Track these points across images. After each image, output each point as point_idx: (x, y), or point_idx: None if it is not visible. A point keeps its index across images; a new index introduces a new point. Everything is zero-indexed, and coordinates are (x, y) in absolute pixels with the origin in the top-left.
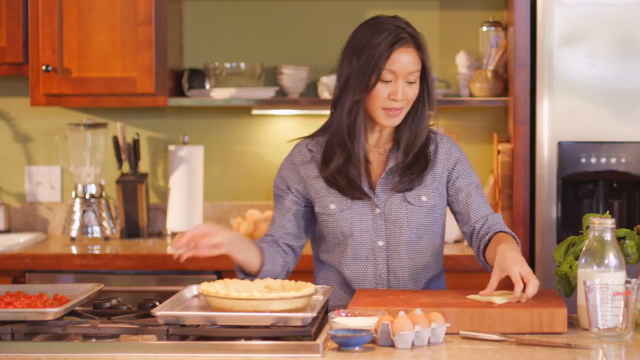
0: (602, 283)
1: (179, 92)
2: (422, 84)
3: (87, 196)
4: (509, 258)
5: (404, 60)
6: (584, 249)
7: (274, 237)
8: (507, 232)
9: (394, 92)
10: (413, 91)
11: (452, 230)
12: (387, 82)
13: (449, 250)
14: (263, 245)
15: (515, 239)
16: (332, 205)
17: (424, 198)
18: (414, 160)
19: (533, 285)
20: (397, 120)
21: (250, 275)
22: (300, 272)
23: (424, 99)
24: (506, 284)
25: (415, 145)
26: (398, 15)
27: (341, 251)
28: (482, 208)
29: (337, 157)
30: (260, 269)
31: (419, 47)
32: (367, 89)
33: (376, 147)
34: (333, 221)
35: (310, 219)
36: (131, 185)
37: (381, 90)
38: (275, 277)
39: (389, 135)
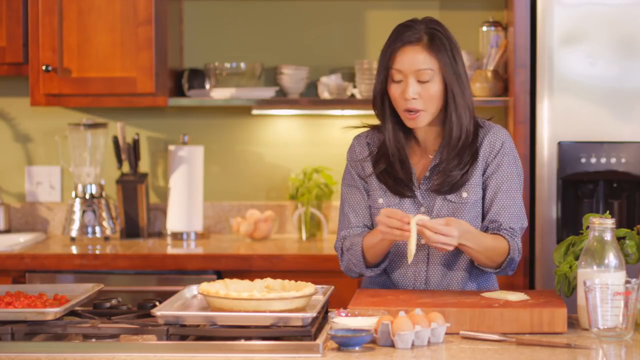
0: (602, 283)
1: (179, 92)
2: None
3: (87, 196)
4: (459, 222)
5: (409, 57)
6: (584, 249)
7: (366, 227)
8: (504, 237)
9: (403, 90)
10: (428, 91)
11: None
12: (398, 82)
13: None
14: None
15: (509, 246)
16: (381, 199)
17: (464, 194)
18: (454, 161)
19: (435, 235)
20: (418, 122)
21: (378, 266)
22: (299, 272)
23: (449, 99)
24: (506, 285)
25: (452, 144)
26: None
27: None
28: (501, 213)
29: (385, 157)
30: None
31: (432, 45)
32: (380, 88)
33: (424, 147)
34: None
35: None
36: (131, 185)
37: (394, 91)
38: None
39: (436, 135)
